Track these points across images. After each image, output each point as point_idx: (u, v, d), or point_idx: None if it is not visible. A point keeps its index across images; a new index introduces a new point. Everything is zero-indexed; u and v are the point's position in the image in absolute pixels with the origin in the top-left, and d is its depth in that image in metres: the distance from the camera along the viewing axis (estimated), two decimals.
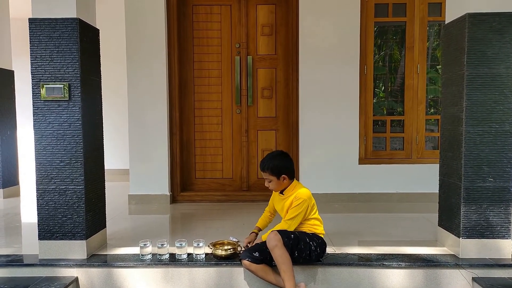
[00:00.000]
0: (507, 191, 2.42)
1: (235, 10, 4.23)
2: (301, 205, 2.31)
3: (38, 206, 2.49)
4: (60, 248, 2.49)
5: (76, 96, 2.42)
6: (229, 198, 4.24)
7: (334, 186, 4.09)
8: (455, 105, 2.50)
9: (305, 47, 4.04)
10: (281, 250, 2.20)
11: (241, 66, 4.23)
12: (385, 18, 4.21)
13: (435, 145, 4.34)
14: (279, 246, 2.20)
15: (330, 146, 4.07)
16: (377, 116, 4.40)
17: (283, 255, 2.20)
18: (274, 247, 2.20)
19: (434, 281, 2.41)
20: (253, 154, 4.33)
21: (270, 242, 2.22)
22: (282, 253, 2.20)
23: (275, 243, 2.20)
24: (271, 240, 2.22)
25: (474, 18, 2.36)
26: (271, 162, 2.37)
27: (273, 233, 2.25)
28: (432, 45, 4.50)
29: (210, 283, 2.43)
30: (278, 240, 2.20)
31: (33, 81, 2.43)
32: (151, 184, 4.11)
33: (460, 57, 2.43)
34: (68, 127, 2.44)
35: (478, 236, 2.45)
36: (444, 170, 2.67)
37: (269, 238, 2.24)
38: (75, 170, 2.46)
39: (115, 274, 2.44)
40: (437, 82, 4.61)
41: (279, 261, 2.20)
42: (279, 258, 2.20)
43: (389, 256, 2.51)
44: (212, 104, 4.30)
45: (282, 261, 2.20)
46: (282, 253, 2.20)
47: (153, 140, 4.09)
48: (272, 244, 2.20)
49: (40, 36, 2.41)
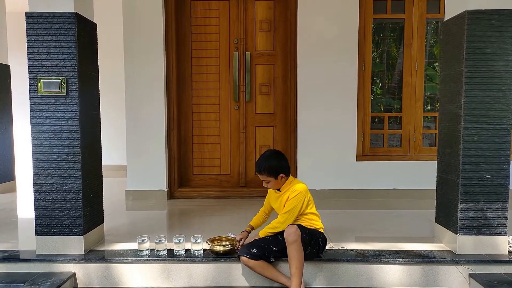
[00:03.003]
0: (504, 188, 2.44)
1: (233, 6, 4.21)
2: (297, 197, 2.30)
3: (35, 202, 2.47)
4: (57, 243, 2.48)
5: (73, 91, 2.41)
6: (227, 194, 4.24)
7: (332, 183, 4.10)
8: (454, 102, 2.50)
9: (304, 44, 4.03)
10: (300, 246, 2.19)
11: (239, 62, 4.22)
12: (383, 15, 4.21)
13: (432, 142, 4.35)
14: (298, 242, 2.18)
15: (328, 143, 4.08)
16: (375, 113, 4.41)
17: (300, 251, 2.18)
18: (294, 242, 2.17)
19: (431, 277, 2.42)
20: (251, 150, 4.33)
21: (290, 236, 2.18)
22: (300, 249, 2.18)
23: (295, 238, 2.17)
24: (292, 234, 2.18)
25: (474, 15, 2.36)
26: (267, 163, 2.35)
27: (294, 227, 2.21)
28: (430, 42, 4.50)
29: (208, 279, 2.44)
30: (298, 236, 2.19)
31: (30, 76, 2.41)
32: (149, 179, 4.10)
33: (459, 54, 2.43)
34: (66, 122, 2.42)
35: (475, 233, 2.47)
36: (441, 166, 2.68)
37: (289, 232, 2.20)
38: (72, 166, 2.44)
39: (112, 269, 2.44)
40: (435, 79, 4.62)
41: (295, 256, 2.17)
42: (296, 253, 2.17)
43: (387, 252, 2.52)
44: (210, 100, 4.29)
45: (298, 257, 2.18)
46: (299, 249, 2.18)
47: (150, 136, 4.07)
48: (292, 238, 2.17)
49: (37, 30, 2.38)
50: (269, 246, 2.30)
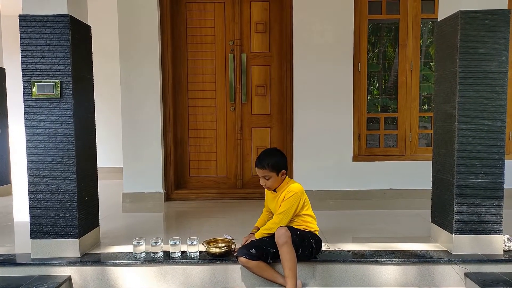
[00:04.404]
0: (499, 187, 2.44)
1: (228, 7, 4.22)
2: (292, 198, 2.30)
3: (30, 205, 2.46)
4: (52, 247, 2.47)
5: (68, 93, 2.40)
6: (223, 195, 4.23)
7: (328, 183, 4.10)
8: (448, 102, 2.51)
9: (299, 45, 4.04)
10: (290, 247, 2.19)
11: (235, 64, 4.22)
12: (378, 16, 4.22)
13: (428, 142, 4.36)
14: (288, 243, 2.19)
15: (324, 144, 4.08)
16: (371, 113, 4.42)
17: (291, 252, 2.19)
18: (284, 244, 2.18)
19: (427, 277, 2.42)
20: (248, 151, 4.33)
21: (281, 238, 2.19)
22: (291, 251, 2.19)
23: (285, 239, 2.18)
24: (282, 236, 2.19)
25: (467, 15, 2.37)
26: (271, 158, 2.35)
27: (283, 229, 2.22)
28: (426, 43, 4.51)
29: (205, 281, 2.43)
30: (288, 237, 2.19)
31: (24, 79, 2.40)
32: (145, 182, 4.09)
33: (453, 55, 2.44)
34: (60, 125, 2.41)
35: (471, 232, 2.47)
36: (437, 166, 2.68)
37: (279, 234, 2.20)
38: (67, 169, 2.43)
39: (108, 272, 2.43)
40: (431, 80, 4.63)
41: (287, 258, 2.18)
42: (287, 255, 2.18)
43: (383, 252, 2.52)
44: (206, 101, 4.29)
45: (290, 258, 2.18)
46: (290, 251, 2.19)
47: (146, 138, 4.07)
48: (282, 240, 2.18)
49: (30, 33, 2.38)
50: (267, 247, 2.30)
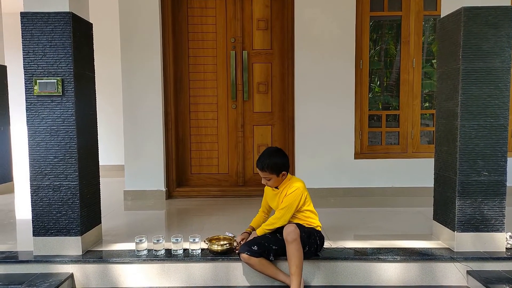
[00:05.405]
0: (501, 184, 2.44)
1: (230, 5, 4.20)
2: (295, 193, 2.30)
3: (32, 203, 2.47)
4: (55, 244, 2.48)
5: (69, 91, 2.40)
6: (225, 193, 4.23)
7: (330, 181, 4.09)
8: (451, 99, 2.50)
9: (301, 42, 4.02)
10: (299, 245, 2.20)
11: (237, 61, 4.21)
12: (380, 12, 4.20)
13: (430, 139, 4.36)
14: (298, 241, 2.19)
15: (326, 141, 4.07)
16: (373, 111, 4.41)
17: (300, 250, 2.19)
18: (293, 241, 2.18)
19: (429, 274, 2.42)
20: (249, 149, 4.33)
21: (290, 235, 2.18)
22: (299, 248, 2.19)
23: (295, 236, 2.18)
24: (291, 233, 2.19)
25: (470, 12, 2.36)
26: (270, 160, 2.34)
27: (293, 226, 2.22)
28: (428, 40, 4.50)
29: (207, 278, 2.43)
30: (298, 234, 2.19)
31: (25, 76, 2.40)
32: (147, 179, 4.09)
33: (456, 51, 2.43)
34: (62, 123, 2.41)
35: (473, 230, 2.47)
36: (439, 164, 2.68)
37: (288, 231, 2.20)
38: (69, 166, 2.44)
39: (110, 270, 2.43)
40: (433, 77, 4.61)
41: (295, 255, 2.18)
42: (295, 252, 2.18)
43: (385, 250, 2.52)
44: (208, 99, 4.28)
45: (298, 256, 2.18)
46: (299, 248, 2.19)
47: (148, 136, 4.06)
48: (292, 237, 2.18)
49: (32, 31, 2.37)
50: (269, 245, 2.30)
